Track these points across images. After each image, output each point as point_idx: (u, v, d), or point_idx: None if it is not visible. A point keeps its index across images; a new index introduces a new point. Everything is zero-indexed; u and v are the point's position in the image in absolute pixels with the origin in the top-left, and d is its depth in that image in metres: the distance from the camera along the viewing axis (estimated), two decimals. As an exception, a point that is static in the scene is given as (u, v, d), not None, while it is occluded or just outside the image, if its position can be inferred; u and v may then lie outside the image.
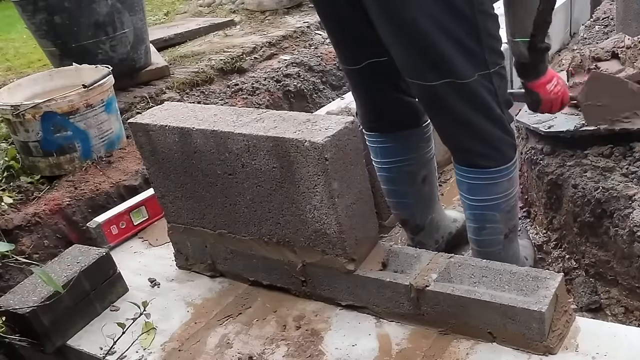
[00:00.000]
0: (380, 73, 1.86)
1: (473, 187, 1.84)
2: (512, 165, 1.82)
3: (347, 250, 1.51)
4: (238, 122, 1.54)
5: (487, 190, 1.82)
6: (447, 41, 1.61)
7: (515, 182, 1.87)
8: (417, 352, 1.43)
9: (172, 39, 4.49)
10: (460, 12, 1.60)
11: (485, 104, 1.71)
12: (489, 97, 1.71)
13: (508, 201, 1.86)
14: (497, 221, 1.86)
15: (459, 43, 1.63)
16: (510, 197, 1.86)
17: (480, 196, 1.84)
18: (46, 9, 3.15)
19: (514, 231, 1.97)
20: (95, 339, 1.68)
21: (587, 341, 1.36)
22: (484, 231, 1.90)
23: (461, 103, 1.70)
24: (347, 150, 1.45)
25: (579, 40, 3.22)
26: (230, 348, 1.56)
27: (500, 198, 1.83)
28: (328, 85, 3.99)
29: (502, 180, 1.81)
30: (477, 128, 1.73)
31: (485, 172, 1.80)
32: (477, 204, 1.86)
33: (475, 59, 1.66)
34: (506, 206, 1.86)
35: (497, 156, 1.78)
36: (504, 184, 1.82)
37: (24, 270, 2.15)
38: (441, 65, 1.65)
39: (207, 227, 1.75)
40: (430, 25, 1.59)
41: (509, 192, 1.84)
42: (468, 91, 1.68)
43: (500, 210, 1.85)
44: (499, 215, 1.85)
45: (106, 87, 2.82)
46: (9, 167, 2.73)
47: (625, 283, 1.93)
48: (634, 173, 1.91)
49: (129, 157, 2.86)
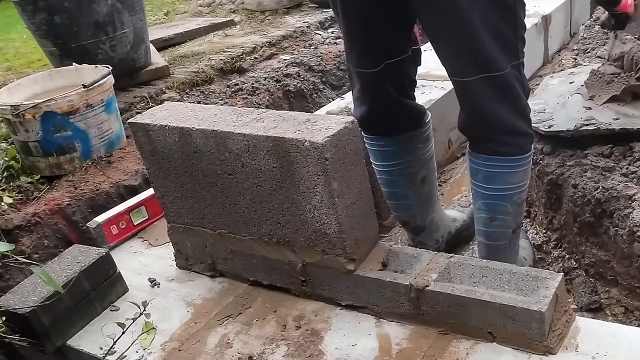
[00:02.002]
0: (393, 74, 1.87)
1: (490, 175, 1.84)
2: (529, 157, 1.84)
3: (347, 250, 1.51)
4: (238, 122, 1.54)
5: (503, 179, 1.83)
6: (485, 30, 1.64)
7: (528, 175, 1.88)
8: (417, 352, 1.43)
9: (172, 39, 4.49)
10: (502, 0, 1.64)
11: (515, 95, 1.74)
12: (519, 87, 1.74)
13: (520, 194, 1.88)
14: (508, 213, 1.87)
15: (497, 32, 1.65)
16: (522, 190, 1.87)
17: (496, 185, 1.85)
18: (46, 9, 3.15)
19: (520, 229, 1.98)
20: (95, 339, 1.68)
21: (587, 341, 1.36)
22: (495, 222, 1.90)
23: (492, 95, 1.72)
24: (347, 150, 1.45)
25: (579, 40, 3.21)
26: (230, 348, 1.56)
27: (515, 189, 1.84)
28: (328, 85, 3.99)
29: (518, 170, 1.82)
30: (503, 119, 1.75)
31: (504, 161, 1.81)
32: (491, 193, 1.87)
33: (510, 49, 1.69)
34: (518, 199, 1.87)
35: (518, 145, 1.80)
36: (519, 175, 1.83)
37: (24, 270, 2.16)
38: (480, 58, 1.67)
39: (207, 227, 1.75)
40: (473, 14, 1.62)
41: (522, 183, 1.86)
42: (501, 83, 1.70)
43: (513, 202, 1.86)
44: (511, 207, 1.86)
45: (106, 87, 2.82)
46: (9, 167, 2.73)
47: (625, 283, 1.93)
48: (634, 173, 1.91)
49: (129, 157, 2.86)
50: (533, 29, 3.89)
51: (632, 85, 2.07)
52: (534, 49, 4.00)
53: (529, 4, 4.55)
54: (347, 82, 3.94)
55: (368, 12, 1.76)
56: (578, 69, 2.61)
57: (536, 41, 4.00)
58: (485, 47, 1.65)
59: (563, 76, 2.55)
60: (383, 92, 1.91)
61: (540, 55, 4.11)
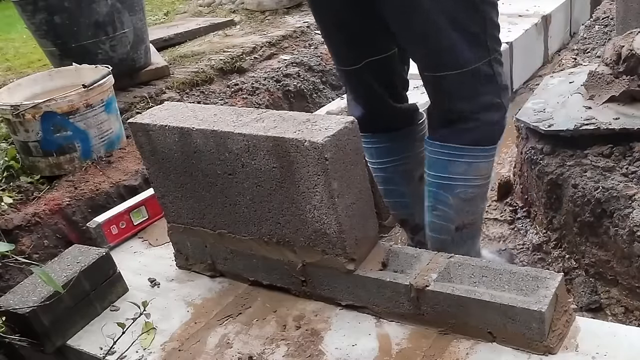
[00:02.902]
0: (377, 71, 1.88)
1: (430, 160, 1.84)
2: (479, 151, 1.80)
3: (347, 250, 1.51)
4: (238, 122, 1.54)
5: (445, 167, 1.81)
6: (453, 29, 1.66)
7: (478, 171, 1.83)
8: (417, 352, 1.43)
9: (172, 39, 4.49)
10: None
11: (480, 90, 1.74)
12: (486, 83, 1.74)
13: (466, 189, 1.83)
14: (449, 205, 1.84)
15: (464, 30, 1.67)
16: (469, 185, 1.83)
17: (435, 171, 1.84)
18: (46, 9, 3.15)
19: (470, 230, 1.92)
20: (95, 339, 1.68)
21: (587, 341, 1.36)
22: (435, 212, 1.88)
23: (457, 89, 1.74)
24: (347, 150, 1.45)
25: (579, 40, 3.21)
26: (230, 348, 1.56)
27: (457, 180, 1.81)
28: (328, 85, 3.99)
29: (460, 160, 1.79)
30: (463, 110, 1.76)
31: (444, 147, 1.80)
32: (432, 180, 1.86)
33: (479, 45, 1.71)
34: (462, 193, 1.83)
35: (470, 136, 1.78)
36: (462, 166, 1.80)
37: (24, 270, 2.16)
38: (449, 56, 1.70)
39: (207, 227, 1.75)
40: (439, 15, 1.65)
41: (468, 177, 1.82)
42: (467, 80, 1.72)
43: (455, 195, 1.83)
44: (452, 200, 1.83)
45: (106, 87, 2.82)
46: (9, 167, 2.73)
47: (625, 283, 1.93)
48: (634, 173, 1.91)
49: (129, 157, 2.87)
50: (533, 29, 3.90)
51: (631, 90, 2.07)
52: (534, 49, 4.00)
53: (529, 4, 4.56)
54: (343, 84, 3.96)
55: (344, 17, 1.80)
56: (578, 69, 2.61)
57: (536, 41, 4.00)
58: (454, 46, 1.68)
59: (563, 76, 2.56)
60: (368, 90, 1.94)
61: (540, 55, 4.11)
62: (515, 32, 3.73)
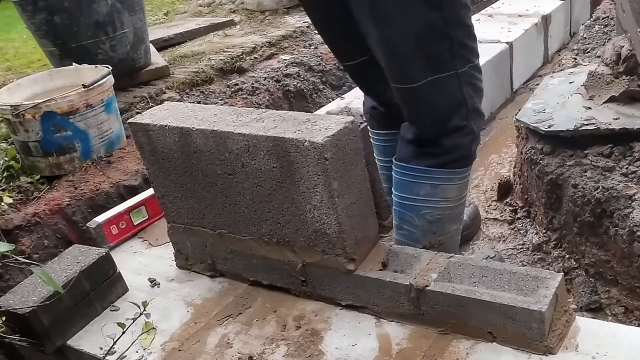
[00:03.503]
0: (377, 67, 1.87)
1: (396, 180, 1.81)
2: (442, 174, 1.75)
3: (347, 250, 1.51)
4: (238, 122, 1.54)
5: (408, 189, 1.78)
6: (413, 43, 1.64)
7: (444, 193, 1.78)
8: (417, 352, 1.43)
9: (172, 39, 4.49)
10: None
11: (436, 108, 1.71)
12: (445, 100, 1.70)
13: (432, 211, 1.79)
14: (414, 226, 1.81)
15: (422, 47, 1.64)
16: (435, 207, 1.78)
17: (400, 192, 1.81)
18: (46, 9, 3.15)
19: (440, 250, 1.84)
20: (95, 339, 1.68)
21: (587, 341, 1.36)
22: (401, 231, 1.86)
23: (412, 105, 1.73)
24: (347, 150, 1.45)
25: (579, 40, 3.21)
26: (230, 348, 1.56)
27: (421, 202, 1.78)
28: (328, 85, 3.99)
29: (424, 182, 1.76)
30: (417, 129, 1.74)
31: (405, 168, 1.77)
32: (397, 200, 1.83)
33: (436, 62, 1.66)
34: (428, 215, 1.79)
35: (430, 158, 1.74)
36: (425, 187, 1.76)
37: (24, 270, 2.16)
38: (401, 71, 1.68)
39: (207, 227, 1.75)
40: (393, 30, 1.63)
41: (433, 199, 1.77)
42: (419, 96, 1.70)
43: (420, 216, 1.79)
44: (418, 221, 1.79)
45: (106, 87, 2.82)
46: (9, 167, 2.73)
47: (625, 283, 1.93)
48: (634, 173, 1.91)
49: (129, 157, 2.87)
50: (533, 29, 3.90)
51: (631, 90, 2.07)
52: (534, 49, 4.00)
53: (529, 4, 4.56)
54: (347, 82, 3.95)
55: (331, 14, 1.81)
56: (578, 69, 2.61)
57: (536, 41, 4.00)
58: (410, 60, 1.66)
59: (563, 76, 2.56)
60: (370, 85, 1.94)
61: (540, 55, 4.11)
62: (515, 32, 3.73)
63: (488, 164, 3.05)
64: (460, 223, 1.92)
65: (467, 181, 1.83)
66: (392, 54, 1.68)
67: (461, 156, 1.76)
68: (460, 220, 1.91)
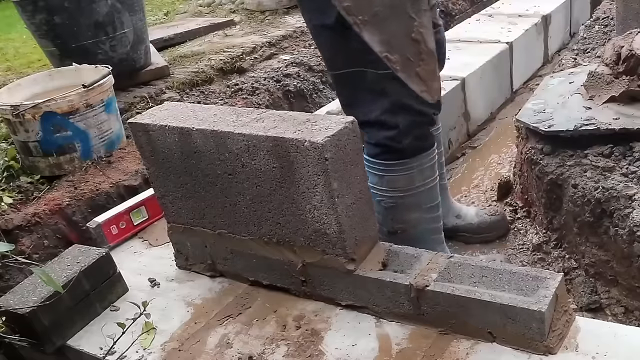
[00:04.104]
0: None
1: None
2: (383, 165, 1.82)
3: (347, 250, 1.51)
4: (238, 122, 1.54)
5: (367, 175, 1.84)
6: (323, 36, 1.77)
7: (394, 185, 1.84)
8: (417, 352, 1.43)
9: (172, 39, 4.49)
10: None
11: (369, 104, 1.77)
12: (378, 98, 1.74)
13: (384, 199, 1.86)
14: (377, 210, 1.82)
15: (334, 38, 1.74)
16: (385, 196, 1.85)
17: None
18: (46, 9, 3.15)
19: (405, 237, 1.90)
20: (95, 339, 1.68)
21: (587, 341, 1.36)
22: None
23: (342, 93, 1.86)
24: (347, 150, 1.45)
25: (579, 40, 3.21)
26: (230, 348, 1.56)
27: (373, 189, 1.82)
28: (328, 85, 3.98)
29: (370, 171, 1.80)
30: (363, 115, 1.76)
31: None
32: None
33: (361, 56, 1.71)
34: (383, 202, 1.87)
35: (374, 147, 1.81)
36: (374, 177, 1.82)
37: (24, 270, 2.15)
38: (326, 52, 1.83)
39: (207, 227, 1.75)
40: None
41: (383, 188, 1.84)
42: (347, 84, 1.80)
43: (376, 203, 1.83)
44: (376, 207, 1.82)
45: (106, 87, 2.82)
46: (9, 167, 2.72)
47: (625, 283, 1.93)
48: (634, 173, 1.91)
49: (129, 157, 2.86)
50: (533, 29, 3.90)
51: (631, 90, 2.06)
52: (534, 49, 4.00)
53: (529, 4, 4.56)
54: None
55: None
56: (578, 69, 2.60)
57: (536, 41, 4.00)
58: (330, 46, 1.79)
59: (563, 76, 2.55)
60: None
61: (540, 55, 4.11)
62: (515, 32, 3.73)
63: (488, 164, 3.06)
64: (428, 213, 1.94)
65: (413, 173, 1.84)
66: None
67: (387, 150, 1.81)
68: (425, 210, 1.93)
